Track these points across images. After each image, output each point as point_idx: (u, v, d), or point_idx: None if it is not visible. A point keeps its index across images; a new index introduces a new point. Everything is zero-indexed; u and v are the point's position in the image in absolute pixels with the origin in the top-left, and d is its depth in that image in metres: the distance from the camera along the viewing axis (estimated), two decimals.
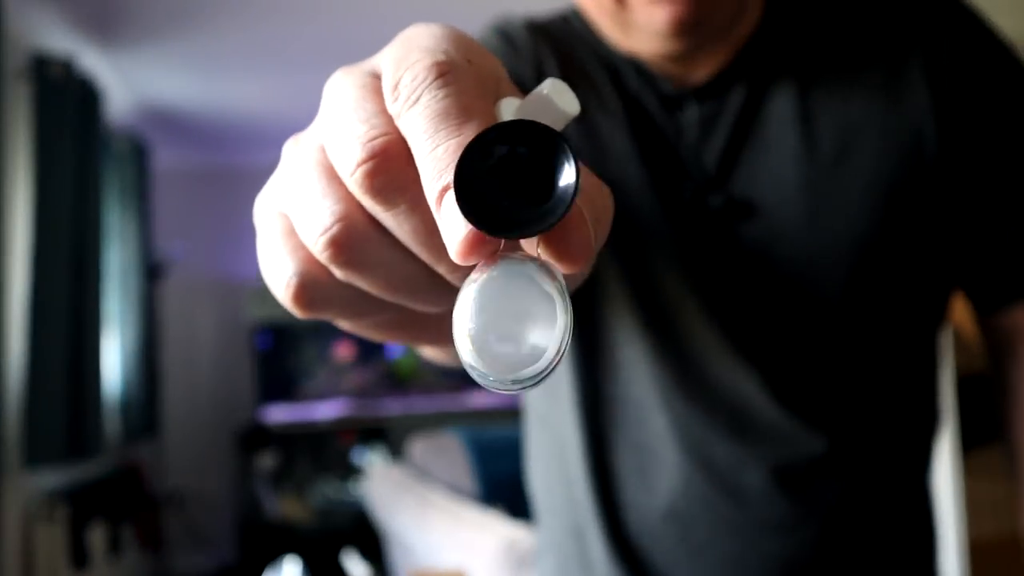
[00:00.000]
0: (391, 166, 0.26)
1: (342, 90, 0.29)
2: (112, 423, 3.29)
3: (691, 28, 0.64)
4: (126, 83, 3.27)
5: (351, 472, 4.16)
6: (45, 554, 2.52)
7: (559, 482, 0.77)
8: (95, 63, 2.99)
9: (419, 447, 2.60)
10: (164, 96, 3.45)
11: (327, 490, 3.93)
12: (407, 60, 0.27)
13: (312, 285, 0.29)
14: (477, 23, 0.77)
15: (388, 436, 3.88)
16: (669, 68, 0.69)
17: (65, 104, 2.54)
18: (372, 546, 3.59)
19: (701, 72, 0.69)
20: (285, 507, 3.84)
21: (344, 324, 0.33)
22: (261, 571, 3.48)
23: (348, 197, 0.28)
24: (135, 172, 3.37)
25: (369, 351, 4.31)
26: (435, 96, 0.25)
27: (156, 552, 3.74)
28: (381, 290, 0.29)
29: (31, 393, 2.40)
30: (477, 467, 2.49)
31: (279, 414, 4.01)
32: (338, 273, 0.28)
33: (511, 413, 3.84)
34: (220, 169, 4.38)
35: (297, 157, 0.30)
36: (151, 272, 3.58)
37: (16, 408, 2.38)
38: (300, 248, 0.29)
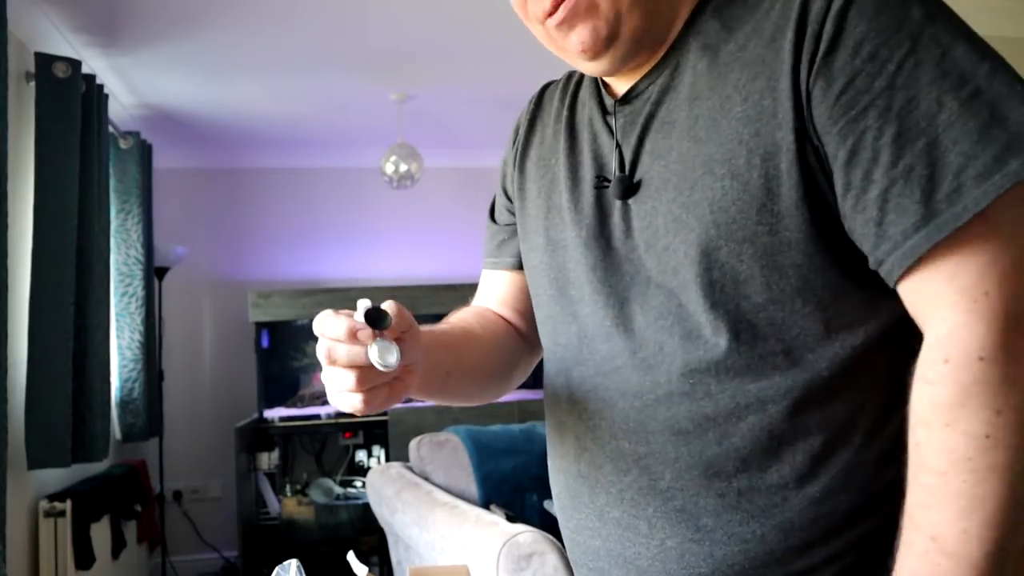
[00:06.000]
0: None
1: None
2: (114, 422, 3.31)
3: (602, 49, 0.76)
4: (128, 86, 3.28)
5: (352, 471, 4.17)
6: (49, 553, 2.54)
7: None
8: (98, 66, 3.00)
9: (419, 446, 2.61)
10: (165, 98, 3.47)
11: (328, 489, 3.95)
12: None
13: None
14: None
15: (389, 435, 3.90)
16: (613, 82, 0.82)
17: (70, 103, 2.56)
18: (374, 544, 3.61)
19: (635, 79, 0.80)
20: (286, 506, 3.86)
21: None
22: (263, 570, 3.50)
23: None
24: (138, 171, 3.39)
25: None
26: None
27: (157, 551, 3.76)
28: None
29: (35, 395, 2.41)
30: (477, 466, 2.51)
31: (280, 413, 4.02)
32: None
33: (511, 413, 3.85)
34: (221, 169, 4.39)
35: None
36: (154, 272, 3.59)
37: (21, 410, 2.39)
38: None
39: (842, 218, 0.66)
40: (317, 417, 3.99)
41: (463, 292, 4.22)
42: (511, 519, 2.03)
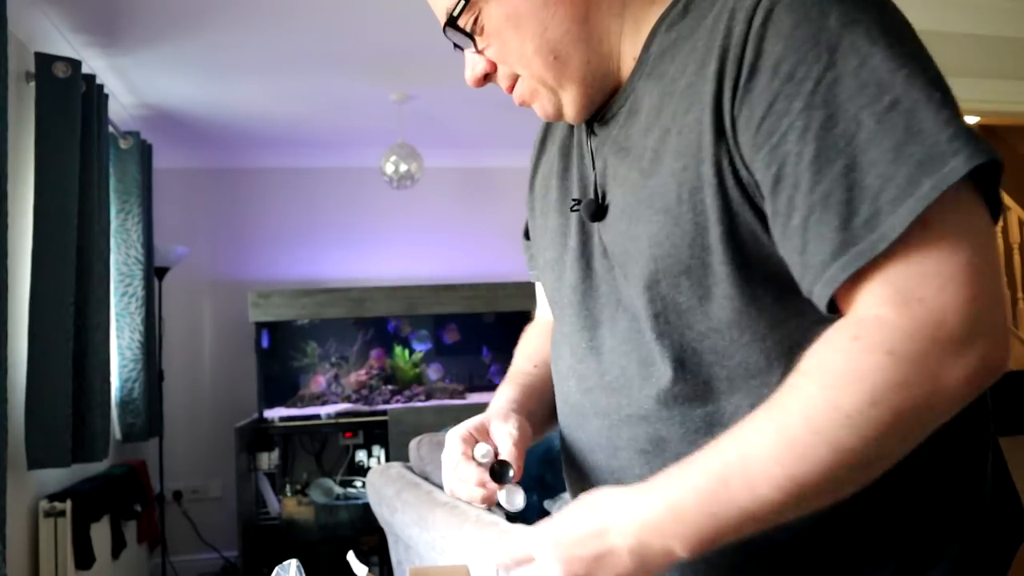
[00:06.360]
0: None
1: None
2: (114, 422, 3.31)
3: (556, 117, 0.80)
4: (128, 86, 3.28)
5: (352, 471, 4.17)
6: (49, 553, 2.54)
7: None
8: (98, 66, 3.00)
9: (419, 446, 2.61)
10: (165, 98, 3.47)
11: (328, 489, 3.95)
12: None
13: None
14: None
15: (389, 435, 3.89)
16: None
17: (70, 103, 2.55)
18: (374, 544, 3.61)
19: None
20: (286, 506, 3.86)
21: None
22: (263, 570, 3.50)
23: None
24: (138, 171, 3.39)
25: (370, 350, 4.32)
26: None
27: (157, 551, 3.76)
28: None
29: (35, 395, 2.41)
30: None
31: (280, 413, 4.02)
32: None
33: None
34: (221, 169, 4.39)
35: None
36: (154, 272, 3.59)
37: (21, 410, 2.39)
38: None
39: (777, 246, 0.65)
40: (317, 417, 3.99)
41: (463, 292, 4.25)
42: (511, 519, 2.03)
